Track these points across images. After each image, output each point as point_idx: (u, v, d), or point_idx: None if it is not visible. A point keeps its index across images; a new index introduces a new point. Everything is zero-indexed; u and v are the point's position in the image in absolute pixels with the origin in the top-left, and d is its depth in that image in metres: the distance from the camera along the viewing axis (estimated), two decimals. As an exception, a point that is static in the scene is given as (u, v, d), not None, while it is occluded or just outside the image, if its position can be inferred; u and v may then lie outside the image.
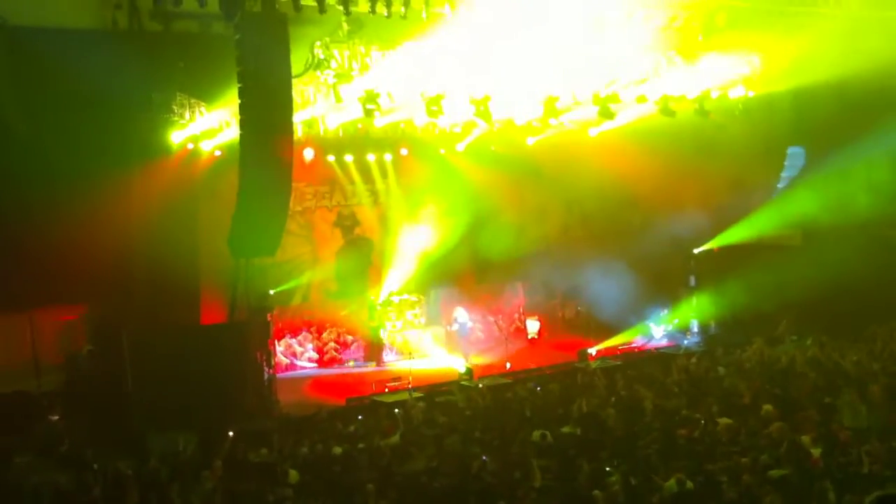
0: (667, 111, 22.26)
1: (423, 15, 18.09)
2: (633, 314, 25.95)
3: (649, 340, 25.58)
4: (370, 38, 19.39)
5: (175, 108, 19.12)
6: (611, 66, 21.46)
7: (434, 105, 19.60)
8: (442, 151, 25.65)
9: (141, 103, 18.40)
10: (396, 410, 17.73)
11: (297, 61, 17.67)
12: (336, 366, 24.65)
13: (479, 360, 23.89)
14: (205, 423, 16.64)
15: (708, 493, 11.77)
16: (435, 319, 26.22)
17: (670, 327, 25.96)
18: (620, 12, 20.06)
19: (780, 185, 25.69)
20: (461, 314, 25.72)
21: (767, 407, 15.60)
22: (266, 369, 19.87)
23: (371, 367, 24.30)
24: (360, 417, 17.76)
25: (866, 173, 24.80)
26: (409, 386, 20.88)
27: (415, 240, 26.29)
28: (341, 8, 17.13)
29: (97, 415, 17.61)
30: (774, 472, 12.08)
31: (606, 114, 21.60)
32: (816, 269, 22.70)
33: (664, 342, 25.45)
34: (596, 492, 11.73)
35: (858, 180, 24.62)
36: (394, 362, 24.20)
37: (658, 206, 25.76)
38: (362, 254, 26.37)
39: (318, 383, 22.63)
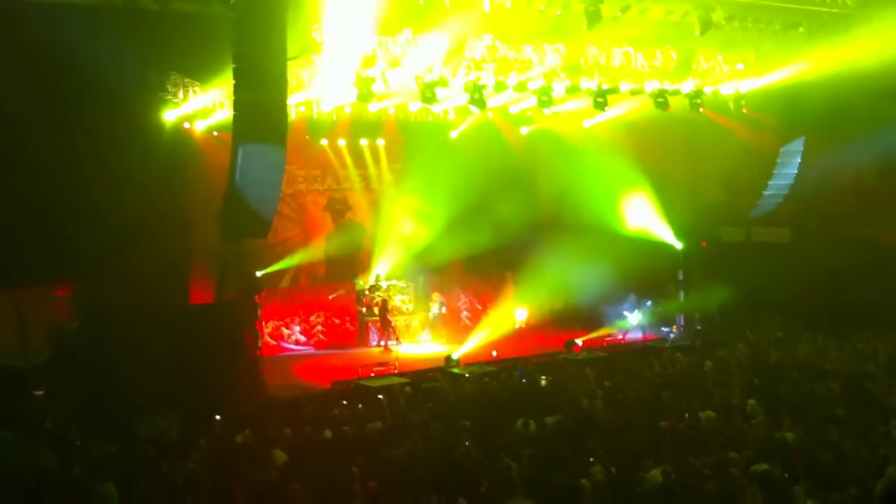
0: (660, 104, 22.32)
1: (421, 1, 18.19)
2: (621, 306, 26.07)
3: (635, 333, 25.65)
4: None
5: (169, 87, 19.07)
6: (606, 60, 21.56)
7: (429, 91, 19.61)
8: (436, 138, 25.66)
9: (135, 82, 18.29)
10: (380, 396, 17.74)
11: (292, 44, 17.59)
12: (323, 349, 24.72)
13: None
14: (190, 403, 16.63)
15: (690, 485, 11.82)
16: (423, 306, 26.27)
17: (657, 321, 26.03)
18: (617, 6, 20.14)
19: (771, 183, 25.74)
20: (437, 299, 26.03)
21: (751, 402, 15.69)
22: (253, 351, 19.87)
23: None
24: (344, 402, 17.74)
25: (856, 173, 24.92)
26: (395, 371, 20.93)
27: (405, 226, 26.34)
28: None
29: (82, 392, 17.56)
30: (756, 467, 12.15)
31: (599, 105, 21.66)
32: (804, 268, 22.81)
33: (651, 335, 25.52)
34: (584, 481, 11.79)
35: (848, 180, 24.73)
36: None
37: (649, 198, 25.89)
38: (353, 238, 26.44)
39: (304, 366, 22.64)
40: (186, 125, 20.23)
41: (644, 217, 26.32)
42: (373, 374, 20.65)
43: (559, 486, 11.91)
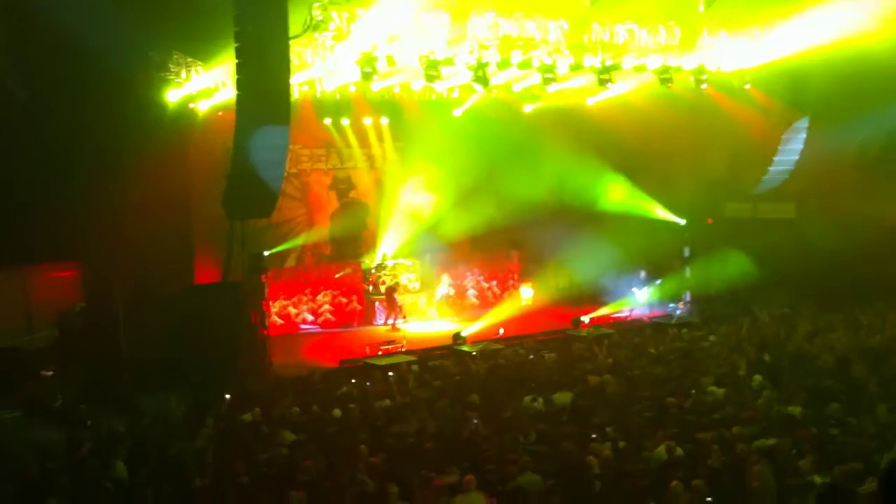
0: (664, 80, 22.26)
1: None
2: (627, 283, 26.06)
3: (642, 310, 25.66)
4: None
5: (171, 66, 19.03)
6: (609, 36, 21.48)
7: (432, 70, 19.55)
8: (439, 116, 25.61)
9: (137, 61, 18.25)
10: (390, 374, 17.80)
11: (294, 23, 17.54)
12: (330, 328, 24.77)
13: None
14: (198, 383, 16.68)
15: (697, 460, 11.86)
16: (429, 284, 26.30)
17: (663, 297, 26.04)
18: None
19: (776, 159, 25.66)
20: (445, 280, 26.10)
21: (758, 377, 15.72)
22: (260, 330, 19.91)
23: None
24: (353, 381, 17.80)
25: (860, 149, 24.80)
26: (403, 349, 20.97)
27: (410, 204, 26.33)
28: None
29: (89, 372, 17.63)
30: (763, 442, 12.18)
31: (603, 82, 21.59)
32: (809, 243, 22.79)
33: (657, 312, 25.53)
34: (590, 457, 11.83)
35: (852, 156, 24.62)
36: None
37: (654, 176, 25.84)
38: (357, 217, 26.47)
39: (312, 345, 22.70)
40: (191, 105, 20.19)
41: (649, 194, 26.30)
42: (380, 353, 20.71)
43: (566, 461, 11.96)
